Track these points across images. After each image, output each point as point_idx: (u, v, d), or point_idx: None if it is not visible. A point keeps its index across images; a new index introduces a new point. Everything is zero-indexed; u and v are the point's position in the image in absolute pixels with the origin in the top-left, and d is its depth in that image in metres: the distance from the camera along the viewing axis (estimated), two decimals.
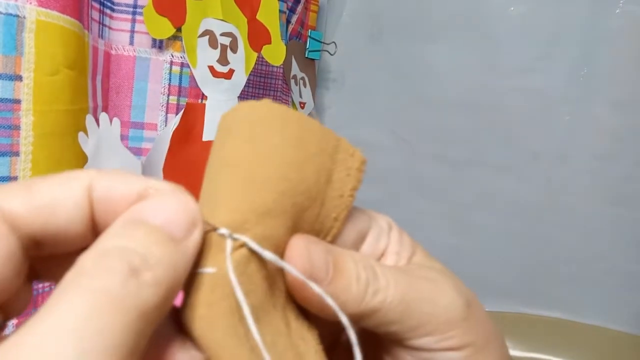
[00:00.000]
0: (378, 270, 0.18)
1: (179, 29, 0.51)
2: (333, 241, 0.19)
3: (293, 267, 0.16)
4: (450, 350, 0.18)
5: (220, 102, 0.55)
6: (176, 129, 0.51)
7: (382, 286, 0.17)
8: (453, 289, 0.19)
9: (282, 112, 0.17)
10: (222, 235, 0.15)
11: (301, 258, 0.16)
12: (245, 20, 0.60)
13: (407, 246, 0.20)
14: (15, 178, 0.37)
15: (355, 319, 0.17)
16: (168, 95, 0.53)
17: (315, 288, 0.16)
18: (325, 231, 0.18)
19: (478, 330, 0.18)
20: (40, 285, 0.40)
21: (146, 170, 0.50)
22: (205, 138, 0.54)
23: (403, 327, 0.17)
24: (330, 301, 0.16)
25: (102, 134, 0.45)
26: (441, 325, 0.18)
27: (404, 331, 0.18)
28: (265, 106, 0.17)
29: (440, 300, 0.18)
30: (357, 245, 0.19)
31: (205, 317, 0.15)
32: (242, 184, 0.16)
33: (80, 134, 0.42)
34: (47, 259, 0.15)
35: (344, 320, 0.16)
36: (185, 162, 0.52)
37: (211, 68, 0.54)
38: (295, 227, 0.17)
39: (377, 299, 0.17)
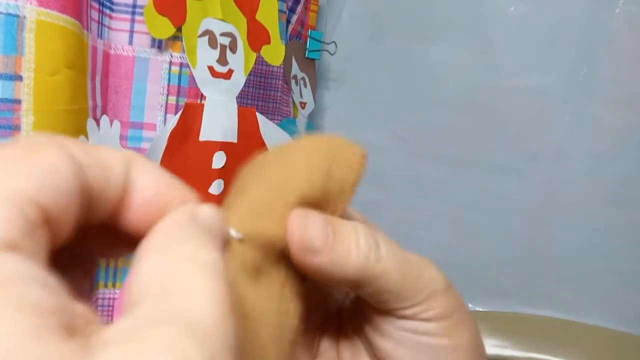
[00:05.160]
0: (380, 241, 0.19)
1: (179, 29, 0.51)
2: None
3: (293, 238, 0.18)
4: (429, 321, 0.19)
5: (219, 102, 0.55)
6: (174, 128, 0.51)
7: (383, 255, 0.19)
8: (435, 268, 0.20)
9: (296, 140, 0.21)
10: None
11: (299, 229, 0.18)
12: (245, 20, 0.60)
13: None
14: None
15: (356, 285, 0.19)
16: (167, 96, 0.53)
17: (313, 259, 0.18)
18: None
19: (455, 307, 0.20)
20: None
21: None
22: (202, 138, 0.54)
23: (396, 296, 0.19)
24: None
25: (102, 136, 0.45)
26: (428, 296, 0.19)
27: (395, 300, 0.19)
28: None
29: (427, 274, 0.20)
30: None
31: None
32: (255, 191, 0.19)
33: (82, 138, 0.42)
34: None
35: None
36: (182, 161, 0.52)
37: (210, 68, 0.54)
38: None
39: (379, 266, 0.19)
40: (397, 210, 0.87)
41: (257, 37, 0.61)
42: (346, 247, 0.18)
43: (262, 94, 0.70)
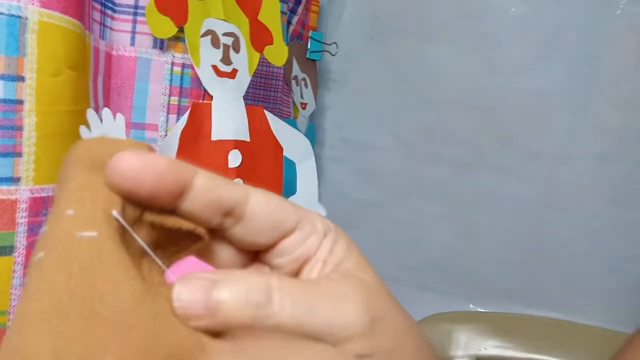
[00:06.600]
0: (275, 294, 0.18)
1: (180, 29, 0.51)
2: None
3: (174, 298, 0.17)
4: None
5: (226, 100, 0.55)
6: (184, 129, 0.51)
7: (276, 311, 0.18)
8: (359, 305, 0.19)
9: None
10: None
11: (177, 298, 0.17)
12: (247, 20, 0.60)
13: (337, 254, 0.21)
14: (18, 179, 0.37)
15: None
16: (169, 96, 0.53)
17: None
18: None
19: (381, 346, 0.19)
20: None
21: None
22: (214, 137, 0.54)
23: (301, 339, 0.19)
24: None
25: (107, 129, 0.45)
26: (339, 339, 0.19)
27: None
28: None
29: (339, 318, 0.19)
30: (273, 237, 0.20)
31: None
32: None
33: (82, 128, 0.42)
34: None
35: None
36: (197, 162, 0.52)
37: (215, 67, 0.54)
38: None
39: (268, 322, 0.18)
40: (397, 210, 0.87)
41: (259, 37, 0.61)
42: (232, 307, 0.17)
43: (263, 95, 0.70)
